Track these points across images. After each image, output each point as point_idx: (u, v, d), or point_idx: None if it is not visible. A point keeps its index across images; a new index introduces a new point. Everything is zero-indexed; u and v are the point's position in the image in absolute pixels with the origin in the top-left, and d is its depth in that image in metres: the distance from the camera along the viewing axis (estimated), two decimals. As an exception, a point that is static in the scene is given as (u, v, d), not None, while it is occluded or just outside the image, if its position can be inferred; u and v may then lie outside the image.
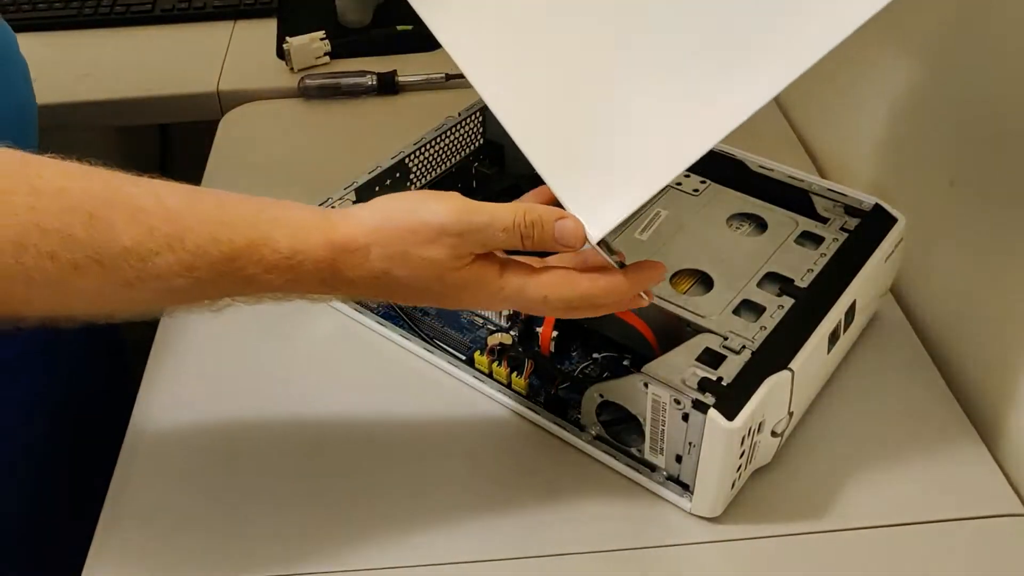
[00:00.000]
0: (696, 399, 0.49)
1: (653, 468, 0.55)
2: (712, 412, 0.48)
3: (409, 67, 0.96)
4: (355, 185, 0.66)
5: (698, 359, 0.52)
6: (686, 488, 0.53)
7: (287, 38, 0.98)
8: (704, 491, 0.52)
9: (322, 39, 0.99)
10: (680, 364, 0.51)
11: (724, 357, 0.52)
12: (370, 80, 0.94)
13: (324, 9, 1.06)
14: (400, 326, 0.65)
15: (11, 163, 0.40)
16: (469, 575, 0.52)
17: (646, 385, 0.51)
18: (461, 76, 0.94)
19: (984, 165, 0.59)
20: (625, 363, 0.61)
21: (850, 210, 0.62)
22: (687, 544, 0.53)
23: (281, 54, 1.00)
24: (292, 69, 0.98)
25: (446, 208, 0.44)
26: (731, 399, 0.49)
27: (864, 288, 0.58)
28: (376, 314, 0.67)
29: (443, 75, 0.95)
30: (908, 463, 0.57)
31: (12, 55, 0.65)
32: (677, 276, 0.58)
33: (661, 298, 0.56)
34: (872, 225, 0.61)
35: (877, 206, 0.62)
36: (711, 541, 0.53)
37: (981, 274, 0.61)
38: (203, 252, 0.41)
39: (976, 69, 0.59)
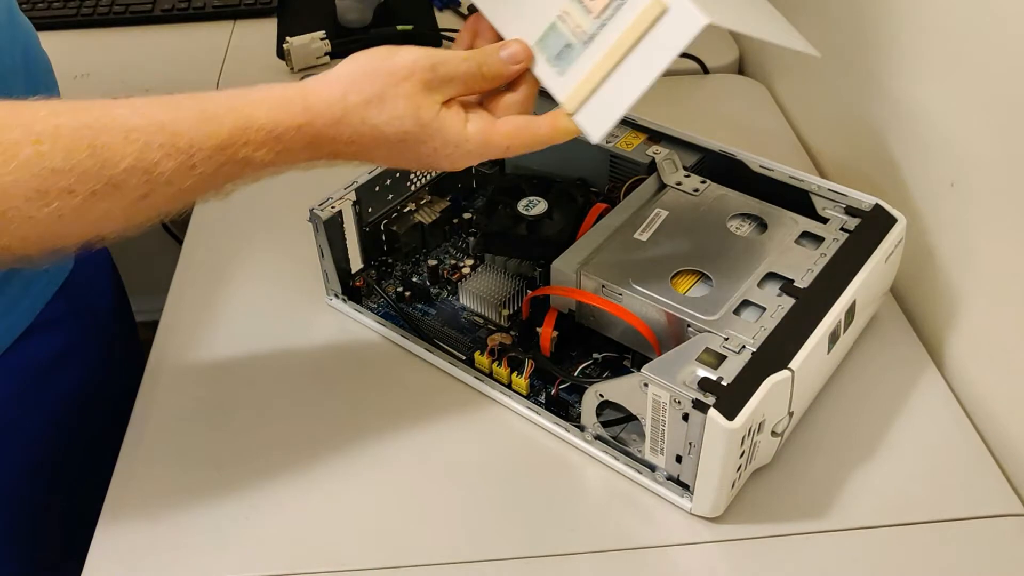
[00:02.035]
0: (696, 399, 0.49)
1: (653, 468, 0.55)
2: (712, 412, 0.48)
3: (409, 67, 0.95)
4: (355, 185, 0.66)
5: (698, 359, 0.52)
6: (686, 488, 0.53)
7: (287, 38, 0.98)
8: (704, 491, 0.52)
9: (322, 39, 0.99)
10: (680, 364, 0.51)
11: (724, 357, 0.52)
12: (370, 80, 0.94)
13: (324, 9, 1.06)
14: (400, 326, 0.65)
15: (5, 114, 0.42)
16: (469, 575, 0.52)
17: (646, 385, 0.51)
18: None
19: (984, 165, 0.59)
20: (625, 363, 0.61)
21: (850, 210, 0.62)
22: (687, 544, 0.53)
23: (281, 54, 1.00)
24: (292, 69, 0.98)
25: (416, 49, 0.49)
26: (731, 399, 0.49)
27: (864, 288, 0.58)
28: (376, 314, 0.67)
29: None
30: (908, 463, 0.57)
31: (36, 52, 0.66)
32: (677, 276, 0.58)
33: (661, 298, 0.56)
34: (872, 225, 0.61)
35: (877, 206, 0.62)
36: (711, 541, 0.53)
37: (981, 274, 0.61)
38: (197, 149, 0.44)
39: (976, 69, 0.59)
